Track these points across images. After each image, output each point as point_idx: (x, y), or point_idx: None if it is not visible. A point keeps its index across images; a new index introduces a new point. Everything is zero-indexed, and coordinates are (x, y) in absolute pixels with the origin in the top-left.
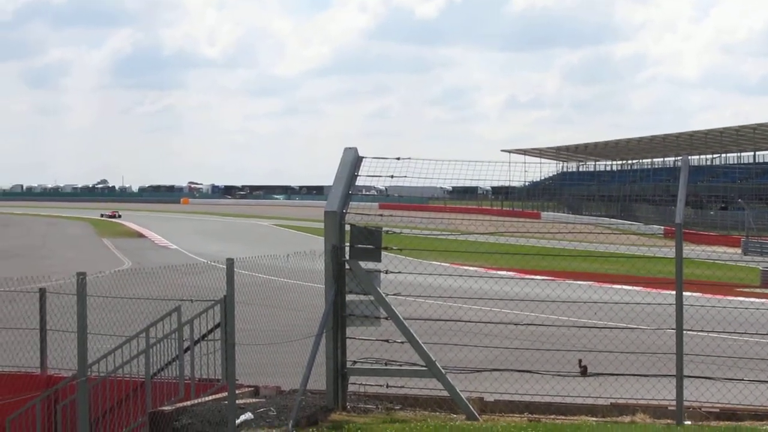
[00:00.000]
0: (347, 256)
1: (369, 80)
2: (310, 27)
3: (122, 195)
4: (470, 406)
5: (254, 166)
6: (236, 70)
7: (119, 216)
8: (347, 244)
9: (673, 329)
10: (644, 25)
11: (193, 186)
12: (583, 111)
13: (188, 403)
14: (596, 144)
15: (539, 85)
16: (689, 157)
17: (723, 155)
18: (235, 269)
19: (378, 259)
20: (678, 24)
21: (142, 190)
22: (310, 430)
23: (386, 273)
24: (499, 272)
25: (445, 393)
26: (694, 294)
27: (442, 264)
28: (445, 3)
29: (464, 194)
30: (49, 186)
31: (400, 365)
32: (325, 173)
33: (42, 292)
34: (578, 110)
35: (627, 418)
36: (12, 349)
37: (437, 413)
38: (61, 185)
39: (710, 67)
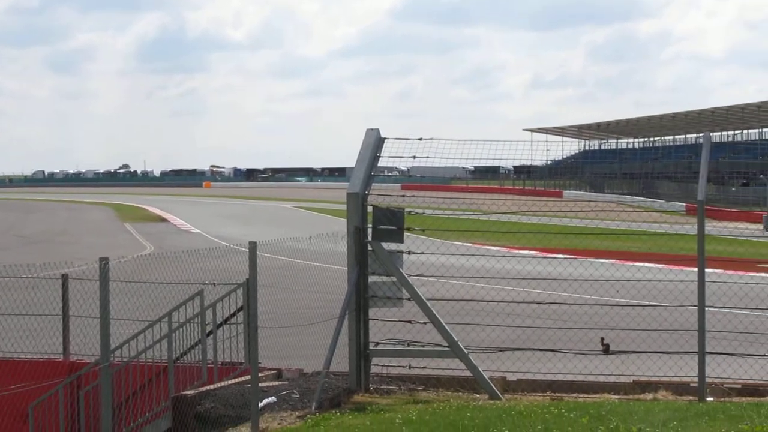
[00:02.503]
0: (370, 238)
1: (394, 61)
2: (336, 7)
3: (144, 180)
4: (493, 386)
5: (278, 149)
6: (261, 52)
7: None
8: (370, 225)
9: (695, 306)
10: (669, 2)
11: (214, 169)
12: (607, 89)
13: (211, 387)
14: (618, 122)
15: (564, 64)
16: (711, 134)
17: (745, 131)
18: (258, 252)
19: (400, 240)
20: (703, 1)
21: (164, 174)
22: (333, 412)
23: (409, 254)
24: (522, 251)
25: (467, 373)
26: (716, 270)
27: (465, 244)
28: None
29: (486, 174)
30: (71, 172)
31: (423, 346)
32: (349, 155)
33: (64, 278)
34: (602, 88)
35: (649, 396)
36: (35, 335)
37: (460, 393)
38: (83, 171)
39: (734, 44)
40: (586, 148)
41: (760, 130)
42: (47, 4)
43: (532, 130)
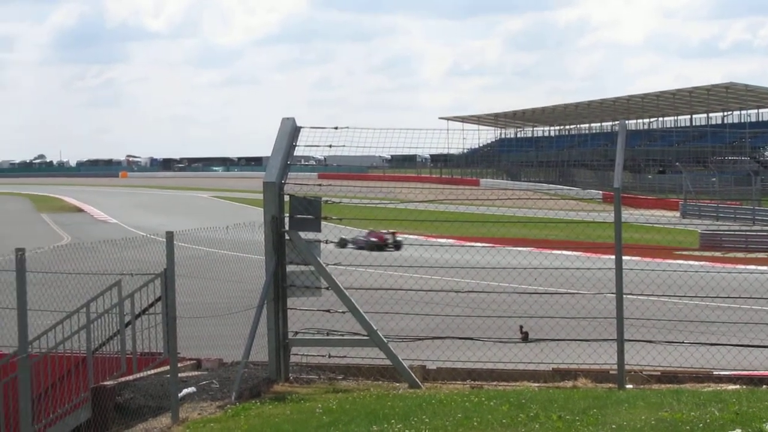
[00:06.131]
0: (287, 227)
1: (312, 49)
2: None
3: (60, 170)
4: (412, 375)
5: (195, 138)
6: (180, 41)
7: None
8: (287, 214)
9: (613, 293)
10: None
11: (131, 159)
12: (525, 77)
13: (130, 377)
14: (534, 110)
15: (481, 52)
16: (627, 122)
17: (660, 119)
18: (175, 242)
19: (318, 229)
20: None
21: (80, 164)
22: (253, 401)
23: (326, 243)
24: (439, 240)
25: (387, 362)
26: (634, 258)
27: None
28: None
29: (403, 162)
30: None
31: (342, 335)
32: (266, 144)
33: None
34: (520, 77)
35: (569, 383)
36: None
37: (380, 382)
38: None
39: (652, 32)
40: (502, 136)
41: (675, 117)
42: None
43: (448, 119)
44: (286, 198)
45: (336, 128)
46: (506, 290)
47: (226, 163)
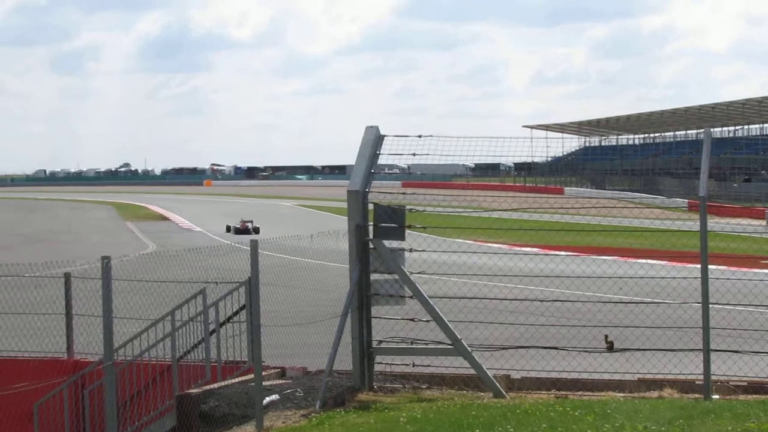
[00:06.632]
0: (371, 235)
1: (395, 58)
2: (339, 5)
3: (145, 178)
4: (497, 384)
5: (279, 147)
6: (263, 50)
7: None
8: (371, 223)
9: (698, 303)
10: None
11: (215, 168)
12: (610, 85)
13: (215, 385)
14: (618, 118)
15: (566, 60)
16: (712, 130)
17: (746, 127)
18: (260, 250)
19: (402, 238)
20: None
21: (165, 173)
22: (338, 410)
23: (410, 251)
24: (523, 249)
25: (471, 371)
26: (720, 267)
27: (466, 241)
28: None
29: (487, 171)
30: (73, 171)
31: (426, 344)
32: (349, 153)
33: (67, 276)
34: (605, 84)
35: (655, 393)
36: (39, 334)
37: (464, 392)
38: (84, 170)
39: (738, 39)
40: (587, 144)
41: (761, 125)
42: (53, 3)
43: (531, 127)
44: (370, 206)
45: (419, 137)
46: (591, 299)
47: (310, 171)
